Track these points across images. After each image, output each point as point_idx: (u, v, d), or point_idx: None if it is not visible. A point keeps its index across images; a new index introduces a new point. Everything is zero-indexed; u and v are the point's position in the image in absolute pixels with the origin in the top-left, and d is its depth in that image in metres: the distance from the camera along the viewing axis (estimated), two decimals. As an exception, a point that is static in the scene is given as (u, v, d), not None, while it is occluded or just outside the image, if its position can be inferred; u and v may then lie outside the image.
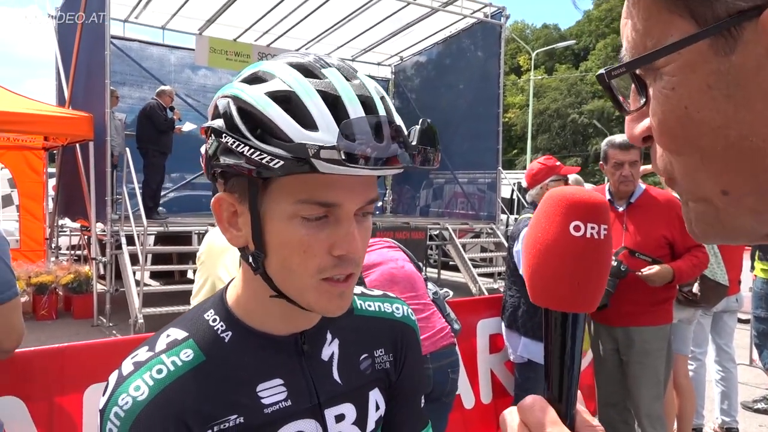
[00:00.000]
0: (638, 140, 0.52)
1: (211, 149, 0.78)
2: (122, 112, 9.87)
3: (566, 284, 0.55)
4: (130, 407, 0.77)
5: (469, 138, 12.12)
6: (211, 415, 0.80)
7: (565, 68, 55.24)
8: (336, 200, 0.75)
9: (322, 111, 0.71)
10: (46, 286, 7.82)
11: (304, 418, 0.86)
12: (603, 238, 0.55)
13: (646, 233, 3.24)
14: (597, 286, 0.56)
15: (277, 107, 0.72)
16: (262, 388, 0.84)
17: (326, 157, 0.67)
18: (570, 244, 0.55)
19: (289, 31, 11.89)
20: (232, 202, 0.80)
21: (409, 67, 14.09)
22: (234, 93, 0.76)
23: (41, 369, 2.20)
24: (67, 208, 9.56)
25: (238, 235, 0.81)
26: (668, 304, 3.33)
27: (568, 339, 0.57)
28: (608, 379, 3.45)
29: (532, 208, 3.41)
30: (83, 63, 8.80)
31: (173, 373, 0.80)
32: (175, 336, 0.84)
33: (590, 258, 0.55)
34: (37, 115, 7.38)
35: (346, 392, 0.91)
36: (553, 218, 0.56)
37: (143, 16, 11.32)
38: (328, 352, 0.91)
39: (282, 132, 0.71)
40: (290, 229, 0.76)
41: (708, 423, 4.51)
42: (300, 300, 0.80)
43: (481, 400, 3.68)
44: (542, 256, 0.56)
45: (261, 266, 0.80)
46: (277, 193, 0.76)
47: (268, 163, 0.70)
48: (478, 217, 11.88)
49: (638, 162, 3.31)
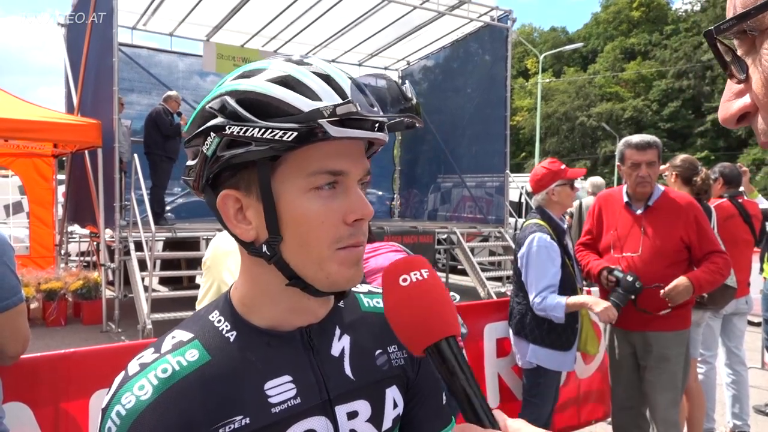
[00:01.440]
0: (733, 120, 0.51)
1: (209, 149, 0.79)
2: (131, 118, 9.93)
3: (422, 319, 0.71)
4: (133, 406, 0.76)
5: (477, 141, 12.10)
6: (215, 416, 0.79)
7: (573, 71, 55.08)
8: (344, 167, 0.80)
9: (321, 85, 0.78)
10: (56, 292, 7.86)
11: (314, 415, 0.84)
12: (427, 277, 0.74)
13: (664, 237, 3.18)
14: (443, 309, 0.72)
15: (280, 87, 0.78)
16: (270, 386, 0.83)
17: (343, 112, 0.74)
18: (407, 292, 0.73)
19: (296, 36, 11.93)
20: (237, 197, 0.81)
21: (416, 71, 14.09)
22: (229, 89, 0.80)
23: (47, 375, 2.20)
24: (76, 214, 9.62)
25: (248, 228, 0.82)
26: (686, 309, 3.27)
27: (454, 363, 0.69)
28: (624, 384, 3.41)
29: (538, 213, 3.33)
30: (91, 70, 8.87)
31: (178, 373, 0.79)
32: (180, 338, 0.84)
33: (424, 293, 0.72)
34: (46, 123, 7.43)
35: (359, 388, 0.89)
36: (390, 286, 0.74)
37: (151, 23, 11.40)
38: (339, 347, 0.90)
39: (290, 106, 0.76)
40: (305, 203, 0.79)
41: (719, 427, 4.46)
42: (319, 275, 0.81)
43: (489, 405, 3.66)
44: (399, 312, 0.73)
45: (277, 252, 0.80)
46: (288, 172, 0.79)
47: (281, 137, 0.74)
48: (487, 220, 11.85)
49: (656, 163, 3.24)
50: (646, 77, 49.67)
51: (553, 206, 3.29)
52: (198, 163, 0.81)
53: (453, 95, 12.81)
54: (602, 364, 4.32)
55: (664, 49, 49.59)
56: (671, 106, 46.35)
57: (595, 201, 3.60)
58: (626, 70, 51.05)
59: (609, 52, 53.44)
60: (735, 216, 4.25)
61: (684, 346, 3.27)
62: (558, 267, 3.12)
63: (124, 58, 10.87)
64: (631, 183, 3.28)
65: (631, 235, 3.29)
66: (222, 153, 0.78)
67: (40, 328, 7.66)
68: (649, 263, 3.18)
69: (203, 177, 0.82)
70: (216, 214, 0.84)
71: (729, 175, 4.55)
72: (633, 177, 3.25)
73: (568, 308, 3.05)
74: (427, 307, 0.72)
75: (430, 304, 0.72)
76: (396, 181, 14.70)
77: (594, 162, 47.45)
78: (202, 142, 0.80)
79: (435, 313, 0.71)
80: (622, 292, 3.12)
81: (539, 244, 3.14)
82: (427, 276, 0.74)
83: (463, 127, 12.34)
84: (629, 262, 3.24)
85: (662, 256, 3.17)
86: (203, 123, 0.80)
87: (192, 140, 0.82)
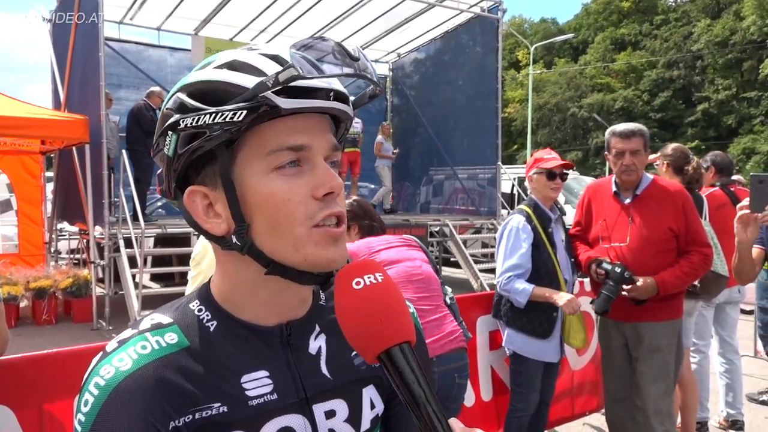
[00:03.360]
0: None
1: (169, 149, 0.78)
2: (119, 114, 9.83)
3: (373, 324, 0.68)
4: (112, 376, 0.75)
5: (469, 133, 12.08)
6: (194, 399, 0.77)
7: (564, 62, 55.08)
8: (304, 141, 0.78)
9: (268, 63, 0.77)
10: (45, 290, 7.77)
11: (291, 413, 0.83)
12: (380, 281, 0.71)
13: (652, 226, 3.17)
14: (397, 315, 0.70)
15: (226, 71, 0.77)
16: (247, 380, 0.81)
17: (285, 78, 0.71)
18: (360, 295, 0.70)
19: (285, 29, 11.85)
20: (204, 192, 0.80)
21: (407, 64, 14.04)
22: (181, 84, 0.80)
23: (30, 376, 2.15)
24: (65, 211, 9.53)
25: (219, 222, 0.80)
26: (678, 299, 3.26)
27: (407, 371, 0.67)
28: (616, 375, 3.40)
29: (527, 199, 3.38)
30: (78, 66, 8.77)
31: (157, 352, 0.78)
32: (159, 320, 0.83)
33: (378, 297, 0.70)
34: (32, 119, 7.35)
35: (335, 387, 0.88)
36: (343, 289, 0.72)
37: (138, 17, 11.28)
38: (315, 346, 0.89)
39: (237, 87, 0.75)
40: (268, 184, 0.77)
41: (713, 416, 4.46)
42: (296, 258, 0.78)
43: (482, 398, 3.65)
44: (349, 317, 0.70)
45: (247, 240, 0.78)
46: (247, 156, 0.77)
47: (232, 118, 0.73)
48: (479, 212, 11.85)
49: (641, 151, 3.22)
50: (637, 68, 49.73)
51: (535, 193, 3.34)
52: (164, 167, 0.81)
53: (444, 87, 12.77)
54: (596, 356, 4.30)
55: (655, 39, 49.62)
56: (662, 97, 46.45)
57: (584, 191, 3.59)
58: (617, 61, 51.10)
59: (599, 43, 53.47)
60: (727, 204, 4.23)
61: (675, 336, 3.27)
62: (527, 249, 3.16)
63: (112, 53, 10.76)
64: (617, 171, 3.28)
65: (619, 225, 3.27)
66: (182, 149, 0.77)
67: (30, 327, 7.60)
68: (636, 252, 3.16)
69: (172, 180, 0.81)
70: (187, 217, 0.82)
71: (721, 163, 4.53)
72: (618, 165, 3.25)
73: (533, 296, 3.11)
74: (381, 312, 0.69)
75: (383, 309, 0.69)
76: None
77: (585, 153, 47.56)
78: (163, 145, 0.79)
79: (387, 318, 0.69)
80: (613, 284, 3.12)
81: (512, 226, 3.23)
82: (381, 280, 0.71)
83: (454, 120, 12.32)
84: (617, 252, 3.23)
85: (650, 245, 3.16)
86: (162, 126, 0.80)
87: (158, 147, 0.81)
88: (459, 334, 2.74)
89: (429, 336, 2.63)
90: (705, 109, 44.08)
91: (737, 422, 4.36)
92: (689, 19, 47.96)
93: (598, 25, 56.16)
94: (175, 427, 0.76)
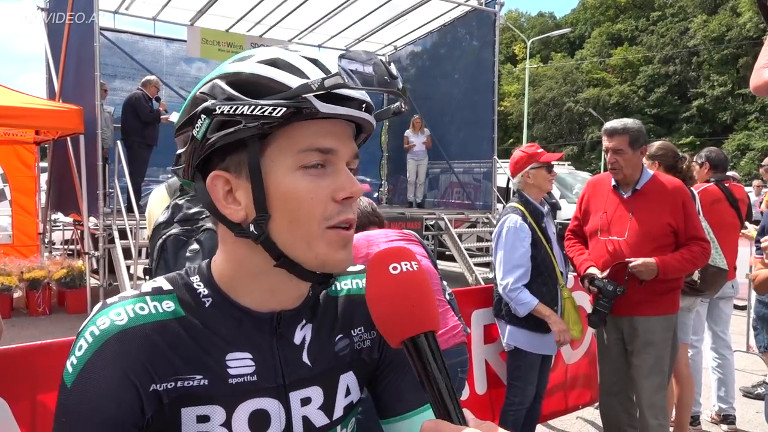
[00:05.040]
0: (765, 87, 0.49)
1: (199, 132, 0.80)
2: (114, 105, 9.77)
3: (406, 310, 0.70)
4: (107, 327, 0.80)
5: (465, 127, 12.05)
6: (178, 368, 0.82)
7: (560, 57, 55.03)
8: (332, 145, 0.81)
9: (309, 66, 0.80)
10: (39, 281, 7.74)
11: (268, 396, 0.87)
12: (416, 269, 0.73)
13: (651, 221, 3.18)
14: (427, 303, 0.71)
15: (270, 67, 0.80)
16: (231, 358, 0.85)
17: (331, 84, 0.74)
18: (395, 280, 0.71)
19: (281, 21, 11.78)
20: (227, 178, 0.82)
21: (403, 57, 13.98)
22: (220, 73, 0.82)
23: (24, 367, 2.15)
24: (59, 202, 9.49)
25: (237, 209, 0.83)
26: (674, 293, 3.28)
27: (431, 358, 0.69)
28: (612, 369, 3.41)
29: (517, 197, 3.39)
30: (73, 55, 8.70)
31: (153, 316, 0.83)
32: (161, 284, 0.88)
33: (412, 285, 0.71)
34: (26, 109, 7.30)
35: (314, 375, 0.91)
36: (378, 272, 0.73)
37: (133, 7, 11.18)
38: (300, 335, 0.92)
39: (279, 84, 0.78)
40: (294, 180, 0.80)
41: (705, 410, 4.49)
42: (308, 255, 0.82)
43: (476, 391, 3.66)
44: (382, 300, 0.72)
45: (264, 231, 0.81)
46: (277, 150, 0.80)
47: (270, 113, 0.75)
48: (474, 206, 11.84)
49: (624, 150, 3.21)
50: (633, 63, 49.74)
51: (530, 189, 3.34)
52: (188, 148, 0.83)
53: (441, 81, 12.72)
54: (589, 349, 4.32)
55: (651, 34, 49.60)
56: (657, 92, 46.50)
57: (584, 187, 3.60)
58: (613, 56, 51.09)
59: (596, 38, 53.43)
60: (721, 200, 4.24)
61: (671, 330, 3.28)
62: (527, 248, 3.18)
63: (107, 43, 10.67)
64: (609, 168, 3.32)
65: (618, 219, 3.28)
66: (212, 135, 0.79)
67: (24, 318, 7.58)
68: (634, 247, 3.17)
69: (193, 162, 0.83)
70: (204, 199, 0.85)
71: (715, 159, 4.54)
72: (608, 162, 3.30)
73: (534, 311, 3.15)
74: (414, 299, 0.71)
75: (416, 296, 0.71)
76: (384, 167, 14.64)
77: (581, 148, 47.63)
78: (192, 127, 0.81)
79: (419, 306, 0.71)
80: (606, 301, 3.20)
81: (508, 226, 3.22)
82: (417, 269, 0.73)
83: (451, 113, 12.28)
84: (615, 246, 3.24)
85: (648, 240, 3.16)
86: (194, 108, 0.81)
87: (182, 127, 0.84)
88: (460, 329, 2.77)
89: None
90: (700, 105, 44.17)
91: (729, 416, 4.39)
92: (686, 15, 47.95)
93: (594, 20, 56.10)
94: (155, 390, 0.80)
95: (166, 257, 2.15)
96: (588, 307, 3.69)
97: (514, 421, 3.31)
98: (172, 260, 2.12)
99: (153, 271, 2.24)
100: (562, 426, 4.40)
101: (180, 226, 2.20)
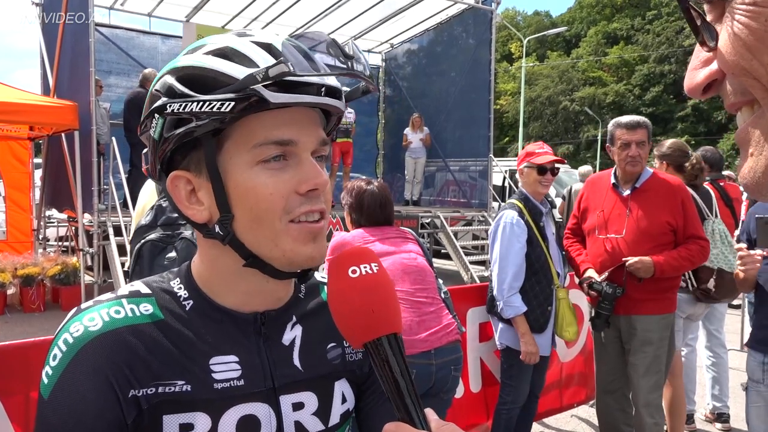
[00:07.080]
0: (699, 89, 0.49)
1: (156, 133, 0.77)
2: (110, 101, 9.72)
3: (365, 313, 0.69)
4: (80, 335, 0.76)
5: (461, 125, 12.05)
6: (158, 372, 0.78)
7: (556, 55, 55.10)
8: (291, 136, 0.77)
9: (259, 52, 0.75)
10: (33, 278, 7.71)
11: (256, 401, 0.83)
12: (376, 271, 0.71)
13: (650, 219, 3.18)
14: (388, 305, 0.70)
15: (217, 58, 0.75)
16: (215, 362, 0.81)
17: (275, 73, 0.70)
18: (355, 284, 0.70)
19: (277, 18, 11.74)
20: (188, 178, 0.80)
21: (399, 55, 13.97)
22: (170, 67, 0.78)
23: (17, 363, 2.14)
24: (54, 198, 9.44)
25: (201, 209, 0.80)
26: (672, 293, 3.29)
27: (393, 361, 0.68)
28: (608, 367, 3.42)
29: (518, 194, 3.38)
30: (68, 51, 8.64)
31: (130, 319, 0.79)
32: (138, 288, 0.84)
33: (373, 288, 0.70)
34: (20, 104, 7.25)
35: (307, 380, 0.88)
36: (338, 275, 0.71)
37: (129, 2, 11.14)
38: (290, 336, 0.88)
39: (227, 77, 0.73)
40: (253, 177, 0.76)
41: (699, 409, 4.50)
42: (275, 253, 0.78)
43: (471, 389, 3.65)
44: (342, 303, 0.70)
45: (230, 231, 0.78)
46: (233, 147, 0.76)
47: (219, 108, 0.72)
48: (470, 204, 11.85)
49: (646, 143, 3.23)
50: (629, 62, 49.84)
51: (525, 186, 3.35)
52: (149, 149, 0.80)
53: (437, 79, 12.71)
54: (584, 348, 4.33)
55: (647, 33, 49.72)
56: (653, 91, 46.61)
57: (584, 185, 3.60)
58: (609, 55, 51.17)
59: (592, 37, 53.53)
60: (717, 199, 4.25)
61: (668, 330, 3.28)
62: (522, 244, 3.18)
63: (102, 39, 10.63)
64: (621, 163, 3.27)
65: (616, 217, 3.28)
66: (168, 134, 0.76)
67: (18, 315, 7.55)
68: (633, 245, 3.17)
69: (156, 162, 0.80)
70: (170, 201, 0.82)
71: (711, 159, 4.55)
72: (623, 156, 3.25)
73: (515, 319, 3.16)
74: (374, 302, 0.69)
75: (377, 299, 0.70)
76: (380, 165, 14.62)
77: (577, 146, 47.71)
78: (150, 126, 0.78)
79: (380, 308, 0.69)
80: (607, 304, 3.21)
81: (505, 222, 3.23)
82: (377, 271, 0.71)
83: (447, 111, 12.28)
84: (613, 244, 3.24)
85: (647, 238, 3.16)
86: (150, 107, 0.78)
87: (143, 126, 0.80)
88: (454, 327, 2.77)
89: (427, 328, 2.67)
90: (695, 105, 44.22)
91: (723, 415, 4.41)
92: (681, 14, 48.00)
93: (591, 18, 56.18)
94: (134, 396, 0.76)
95: (141, 264, 2.06)
96: (585, 305, 3.70)
97: (507, 419, 3.30)
98: (147, 268, 2.02)
99: (130, 275, 2.15)
100: (557, 424, 4.41)
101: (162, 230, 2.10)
